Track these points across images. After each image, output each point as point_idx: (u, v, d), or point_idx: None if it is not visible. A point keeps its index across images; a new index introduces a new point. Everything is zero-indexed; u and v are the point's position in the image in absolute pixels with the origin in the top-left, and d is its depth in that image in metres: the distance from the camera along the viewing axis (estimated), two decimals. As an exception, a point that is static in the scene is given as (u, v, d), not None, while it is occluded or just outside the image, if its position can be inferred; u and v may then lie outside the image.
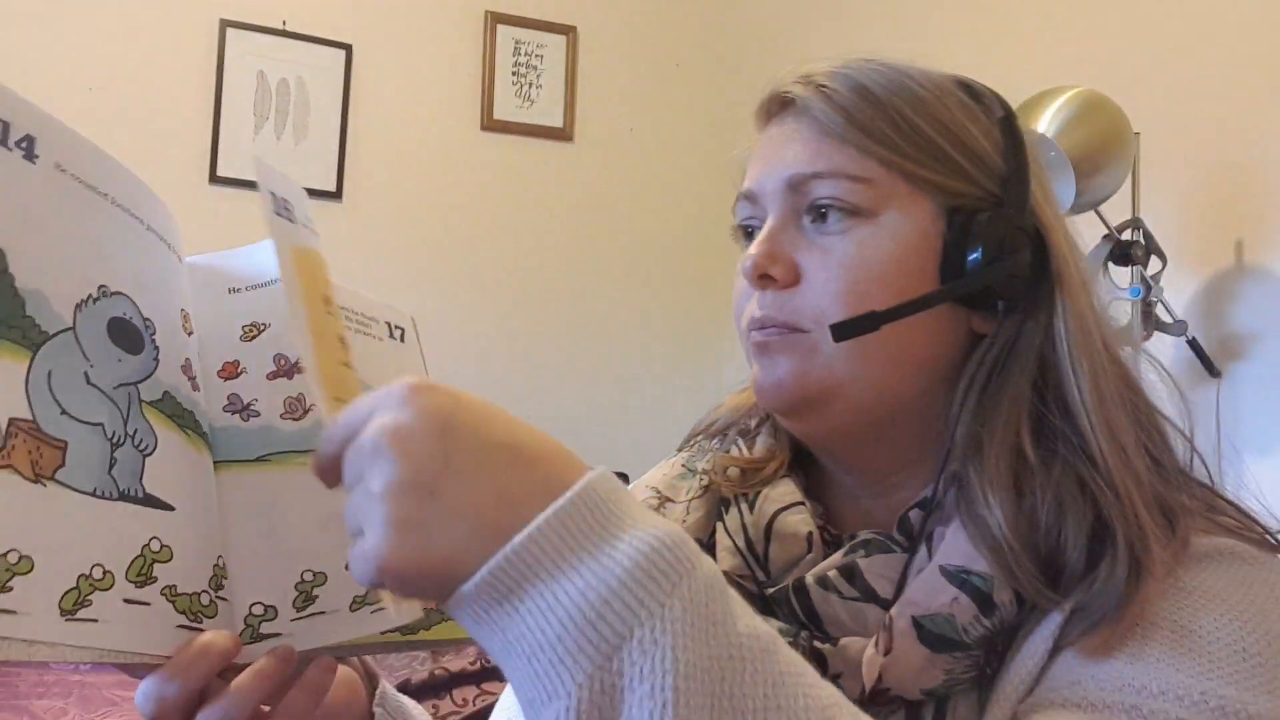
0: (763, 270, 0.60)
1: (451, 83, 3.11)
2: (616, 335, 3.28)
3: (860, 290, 0.58)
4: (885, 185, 0.59)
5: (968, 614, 0.54)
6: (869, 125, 0.59)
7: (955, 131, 0.60)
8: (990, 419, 0.57)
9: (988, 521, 0.54)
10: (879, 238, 0.58)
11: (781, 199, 0.61)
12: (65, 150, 0.48)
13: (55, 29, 2.68)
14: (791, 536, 0.61)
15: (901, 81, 0.60)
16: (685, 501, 0.68)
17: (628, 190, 3.31)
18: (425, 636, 0.60)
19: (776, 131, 0.63)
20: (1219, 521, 0.56)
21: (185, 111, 2.81)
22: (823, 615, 0.58)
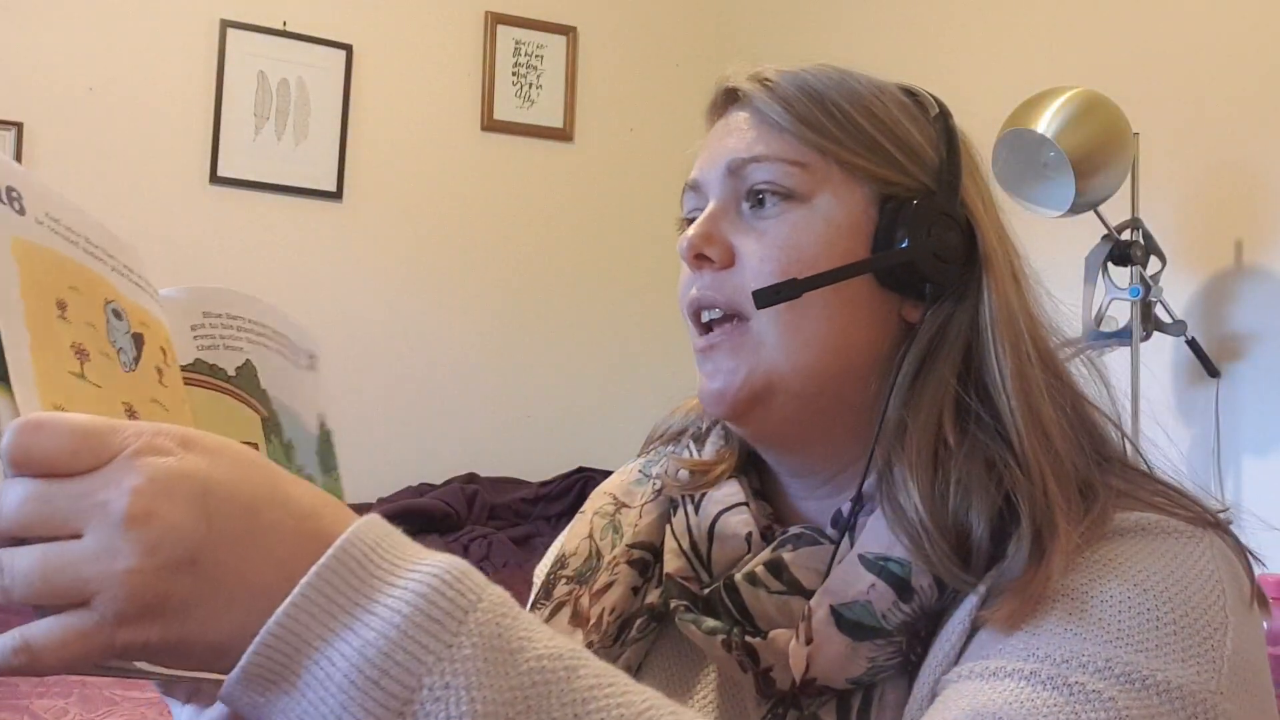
0: (698, 250, 0.62)
1: (451, 83, 3.11)
2: (616, 335, 3.28)
3: (790, 270, 0.59)
4: (820, 170, 0.60)
5: (885, 600, 0.54)
6: (807, 114, 0.61)
7: (890, 125, 0.62)
8: (914, 405, 0.58)
9: (904, 507, 0.55)
10: (812, 220, 0.60)
11: (721, 184, 0.63)
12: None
13: (55, 29, 2.68)
14: (732, 537, 0.62)
15: (842, 79, 0.63)
16: (638, 506, 0.69)
17: (628, 190, 3.31)
18: None
19: (721, 124, 0.66)
20: (1150, 501, 0.57)
21: (185, 111, 2.81)
22: (753, 611, 0.59)
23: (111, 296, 0.50)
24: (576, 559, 0.68)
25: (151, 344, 0.51)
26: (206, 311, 0.57)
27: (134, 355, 0.50)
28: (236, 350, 0.57)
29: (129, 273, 0.52)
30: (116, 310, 0.50)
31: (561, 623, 0.64)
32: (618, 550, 0.66)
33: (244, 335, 0.58)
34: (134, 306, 0.51)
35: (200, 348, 0.56)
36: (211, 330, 0.57)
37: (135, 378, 0.49)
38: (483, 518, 2.75)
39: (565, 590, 0.66)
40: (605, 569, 0.66)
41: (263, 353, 0.58)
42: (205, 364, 0.56)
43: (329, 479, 0.63)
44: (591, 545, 0.68)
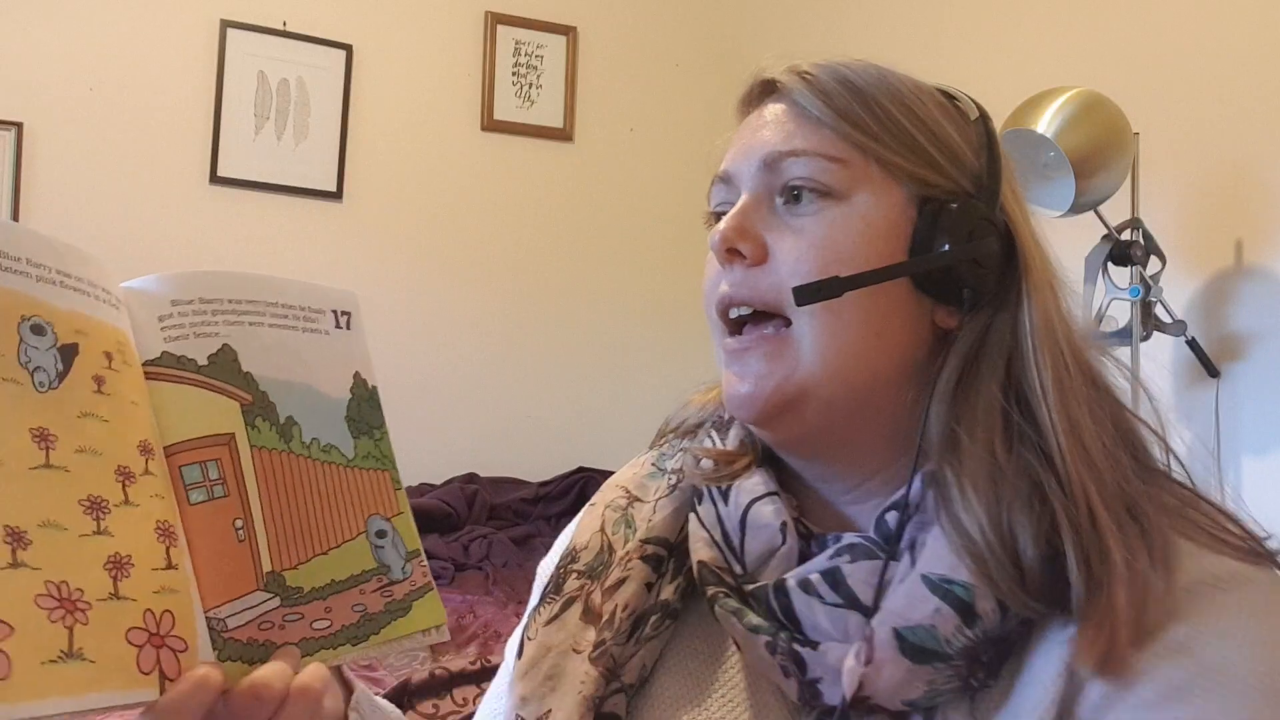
0: (730, 244, 0.60)
1: (451, 83, 3.11)
2: (616, 334, 3.28)
3: (830, 270, 0.57)
4: (859, 168, 0.59)
5: (950, 625, 0.53)
6: (847, 110, 0.59)
7: (930, 125, 0.60)
8: (965, 418, 0.57)
9: (967, 527, 0.54)
10: (850, 219, 0.59)
11: (756, 178, 0.61)
12: None
13: (55, 29, 2.68)
14: (764, 527, 0.61)
15: (882, 76, 0.61)
16: (653, 501, 0.67)
17: (628, 190, 3.31)
18: (376, 641, 0.59)
19: (755, 116, 0.64)
20: (1204, 526, 0.55)
21: (185, 111, 2.81)
22: (803, 619, 0.57)
23: (30, 311, 0.48)
24: (587, 553, 0.66)
25: (90, 352, 0.50)
26: (175, 300, 0.56)
27: (57, 371, 0.49)
28: (210, 337, 0.56)
29: (65, 278, 0.50)
30: (37, 325, 0.48)
31: (573, 618, 0.63)
32: (631, 545, 0.65)
33: (220, 318, 0.56)
34: (66, 315, 0.50)
35: (167, 339, 0.55)
36: (180, 320, 0.56)
37: (56, 396, 0.48)
38: (483, 518, 2.75)
39: (576, 585, 0.65)
40: (618, 564, 0.64)
41: (246, 333, 0.57)
42: (172, 356, 0.55)
43: (367, 441, 0.61)
44: (603, 539, 0.66)
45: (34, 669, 0.44)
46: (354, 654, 0.58)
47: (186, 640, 0.50)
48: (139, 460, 0.51)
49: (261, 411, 0.57)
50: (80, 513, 0.47)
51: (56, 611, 0.45)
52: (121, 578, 0.48)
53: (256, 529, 0.55)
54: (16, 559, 0.45)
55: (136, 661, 0.48)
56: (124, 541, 0.49)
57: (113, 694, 0.46)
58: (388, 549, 0.61)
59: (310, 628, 0.56)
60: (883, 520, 0.58)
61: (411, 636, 0.60)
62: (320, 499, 0.58)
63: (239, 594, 0.54)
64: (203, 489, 0.54)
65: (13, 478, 0.46)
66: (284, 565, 0.56)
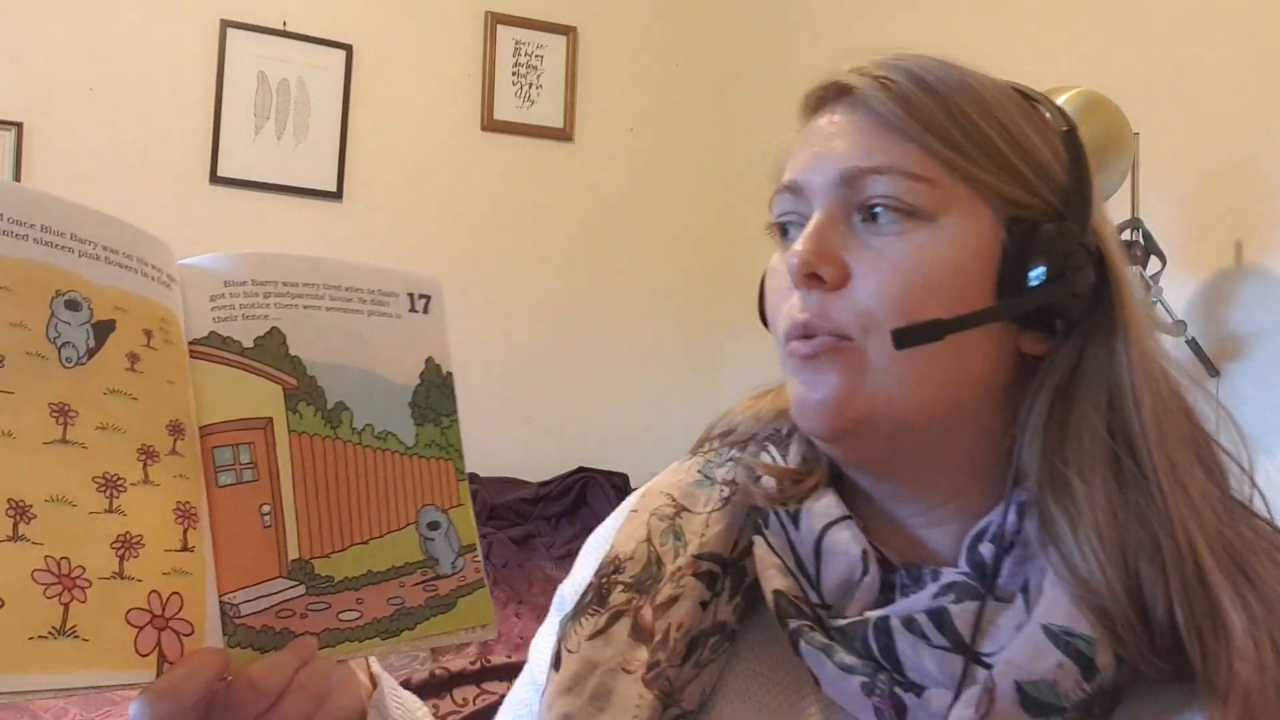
0: (810, 269, 0.55)
1: (451, 83, 3.11)
2: (616, 335, 3.28)
3: (914, 297, 0.54)
4: (946, 187, 0.55)
5: (1070, 679, 0.50)
6: (931, 121, 0.55)
7: (1017, 137, 0.56)
8: (1073, 456, 0.54)
9: (1086, 576, 0.51)
10: (937, 242, 0.54)
11: (832, 194, 0.57)
12: None
13: (55, 29, 2.68)
14: (842, 554, 0.57)
15: (964, 80, 0.57)
16: (705, 513, 0.63)
17: (628, 190, 3.31)
18: (410, 637, 0.58)
19: (827, 122, 0.59)
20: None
21: (185, 111, 2.81)
22: (904, 660, 0.53)
23: (67, 286, 0.48)
24: (634, 564, 0.62)
25: (127, 329, 0.50)
26: (228, 280, 0.55)
27: (88, 348, 0.49)
28: (259, 319, 0.55)
29: (111, 254, 0.50)
30: (72, 300, 0.48)
31: (621, 634, 0.59)
32: (683, 560, 0.61)
33: (271, 301, 0.56)
34: (106, 291, 0.50)
35: (216, 319, 0.54)
36: (231, 301, 0.55)
37: (82, 372, 0.48)
38: (482, 518, 2.76)
39: (623, 599, 0.61)
40: (669, 580, 0.60)
41: (298, 316, 0.56)
42: (219, 337, 0.54)
43: (432, 429, 0.60)
44: (650, 550, 0.62)
45: (19, 644, 0.44)
46: (383, 648, 0.57)
47: (193, 624, 0.50)
48: (166, 440, 0.51)
49: (307, 396, 0.56)
50: (93, 490, 0.47)
51: (53, 588, 0.45)
52: (129, 557, 0.48)
53: (286, 515, 0.54)
54: (17, 533, 0.45)
55: (134, 642, 0.47)
56: (136, 521, 0.48)
57: (103, 673, 0.46)
58: (439, 542, 0.59)
59: (336, 618, 0.55)
60: (975, 551, 0.55)
61: (454, 634, 0.59)
62: (366, 487, 0.57)
63: (258, 580, 0.53)
64: (231, 472, 0.53)
65: (24, 451, 0.46)
66: (314, 553, 0.55)
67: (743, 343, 3.32)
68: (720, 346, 3.40)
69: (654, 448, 3.27)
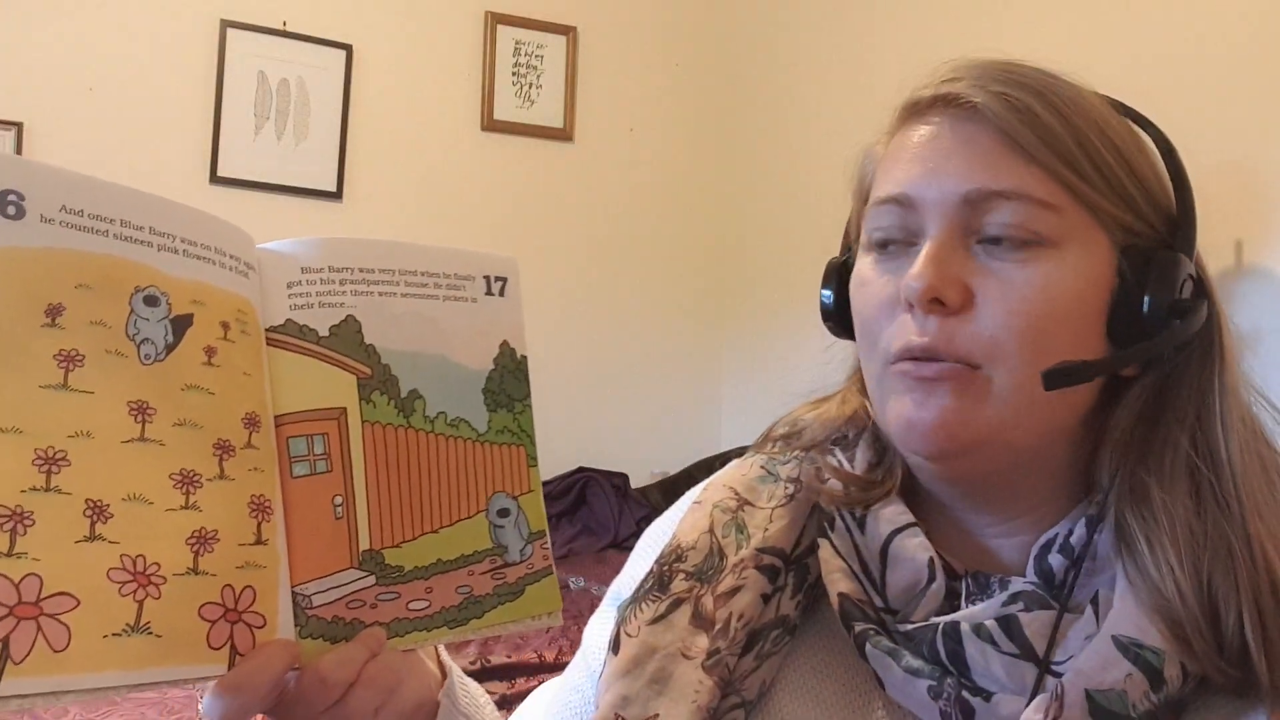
0: (935, 294, 0.54)
1: (451, 83, 3.11)
2: (616, 335, 3.28)
3: (1041, 329, 0.53)
4: (1070, 215, 0.54)
5: (1139, 690, 0.51)
6: (1058, 143, 0.54)
7: (1129, 160, 0.56)
8: (1155, 469, 0.54)
9: (1161, 586, 0.51)
10: (1062, 272, 0.53)
11: (952, 213, 0.55)
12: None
13: (55, 29, 2.68)
14: (909, 561, 0.58)
15: (1075, 94, 0.56)
16: (768, 508, 0.63)
17: (628, 190, 3.31)
18: (478, 625, 0.58)
19: (939, 133, 0.57)
20: None
21: (185, 111, 2.81)
22: (973, 665, 0.54)
23: (146, 281, 0.49)
24: (695, 553, 0.63)
25: (205, 322, 0.50)
26: (305, 267, 0.55)
27: (166, 344, 0.49)
28: (335, 307, 0.55)
29: (189, 246, 0.51)
30: (151, 296, 0.49)
31: (681, 620, 0.60)
32: (745, 553, 0.61)
33: (348, 288, 0.56)
34: (184, 284, 0.50)
35: (293, 307, 0.54)
36: (308, 288, 0.55)
37: (161, 368, 0.48)
38: (483, 518, 2.75)
39: (684, 586, 0.61)
40: (731, 571, 0.61)
41: (374, 303, 0.56)
42: (295, 325, 0.54)
43: (504, 414, 0.60)
44: (712, 541, 0.63)
45: (94, 642, 0.44)
46: (450, 637, 0.57)
47: (265, 616, 0.50)
48: (242, 433, 0.51)
49: (380, 385, 0.56)
50: (169, 487, 0.48)
51: (129, 585, 0.46)
52: (203, 553, 0.48)
53: (357, 506, 0.54)
54: (94, 532, 0.45)
55: (207, 637, 0.48)
56: (212, 516, 0.49)
57: (176, 668, 0.47)
58: (508, 529, 0.59)
59: (406, 608, 0.55)
60: (1044, 561, 0.56)
61: (521, 622, 0.59)
62: (438, 476, 0.57)
63: (329, 571, 0.53)
64: (306, 462, 0.53)
65: (103, 450, 0.46)
66: (385, 543, 0.55)
67: (743, 343, 3.32)
68: (720, 347, 3.40)
69: (654, 448, 3.27)
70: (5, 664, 0.42)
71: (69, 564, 0.44)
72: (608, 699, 0.59)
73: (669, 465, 3.21)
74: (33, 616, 0.43)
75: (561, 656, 1.99)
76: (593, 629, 0.72)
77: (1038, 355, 0.53)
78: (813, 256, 2.95)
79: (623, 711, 0.58)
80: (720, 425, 3.41)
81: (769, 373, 3.14)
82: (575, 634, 2.10)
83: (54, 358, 0.45)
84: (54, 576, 0.44)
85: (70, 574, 0.44)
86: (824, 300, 0.65)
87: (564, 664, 2.12)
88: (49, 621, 0.43)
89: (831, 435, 0.66)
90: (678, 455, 3.23)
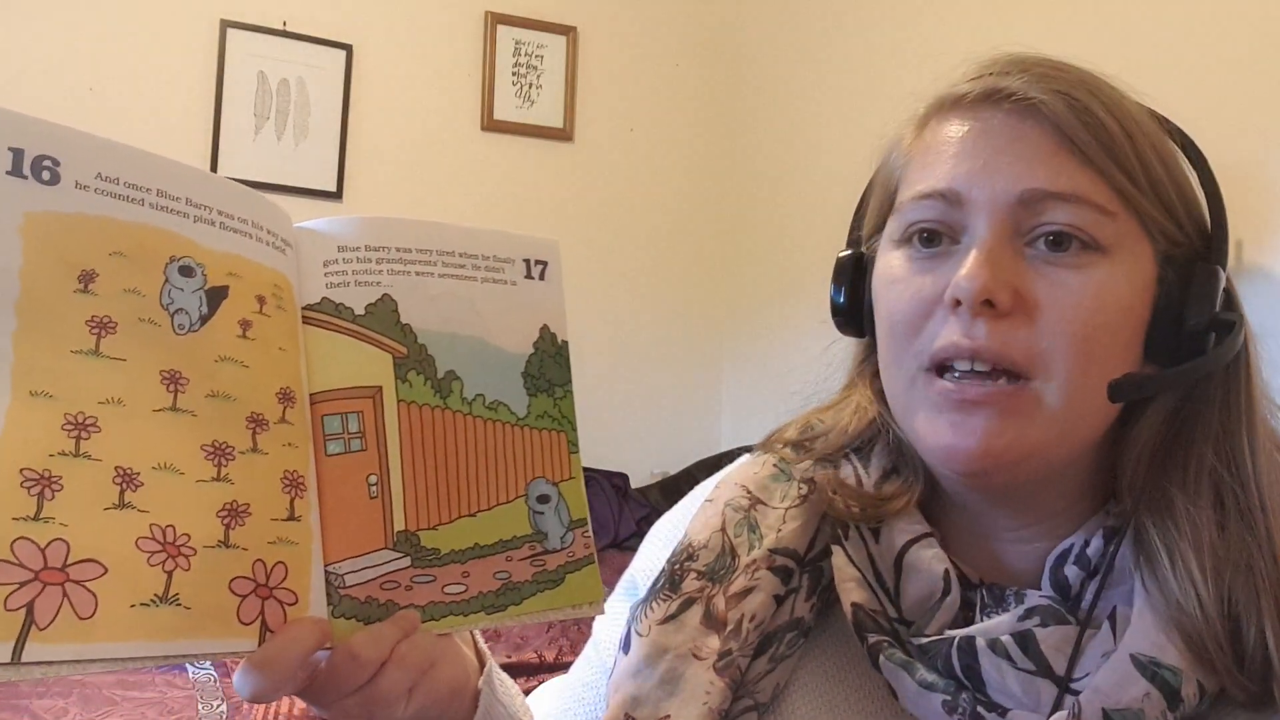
0: (991, 295, 0.51)
1: (451, 83, 3.11)
2: (615, 335, 3.28)
3: (1094, 337, 0.52)
4: (1124, 222, 0.52)
5: (1156, 709, 0.50)
6: (1116, 148, 0.52)
7: (1171, 167, 0.55)
8: (1176, 479, 0.53)
9: (1181, 599, 0.51)
10: (1115, 278, 0.52)
11: (1005, 212, 0.53)
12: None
13: (55, 29, 2.68)
14: (925, 572, 0.57)
15: (1121, 99, 0.55)
16: (781, 508, 0.62)
17: (627, 190, 3.31)
18: (516, 612, 0.56)
19: (989, 129, 0.54)
20: None
21: (185, 111, 2.81)
22: (989, 680, 0.53)
23: (181, 251, 0.48)
24: (707, 552, 0.62)
25: (240, 295, 0.50)
26: (342, 245, 0.55)
27: (200, 314, 0.48)
28: (371, 286, 0.54)
29: (226, 219, 0.50)
30: (186, 266, 0.48)
31: (693, 620, 0.59)
32: (758, 553, 0.60)
33: (384, 267, 0.55)
34: (220, 256, 0.49)
35: (329, 285, 0.54)
36: (344, 266, 0.55)
37: (195, 339, 0.48)
38: (483, 518, 2.75)
39: (696, 586, 0.61)
40: (743, 571, 0.60)
41: (410, 283, 0.55)
42: (331, 303, 0.54)
43: (544, 399, 0.59)
44: (724, 540, 0.62)
45: (122, 611, 0.43)
46: (488, 623, 0.56)
47: (298, 593, 0.49)
48: (276, 408, 0.50)
49: (417, 365, 0.55)
50: (201, 458, 0.47)
51: (157, 555, 0.45)
52: (235, 526, 0.47)
53: (393, 486, 0.53)
54: (124, 500, 0.44)
55: (237, 611, 0.47)
56: (244, 490, 0.48)
57: (205, 642, 0.46)
58: (548, 515, 0.58)
59: (441, 591, 0.54)
60: (1059, 573, 0.55)
61: (561, 610, 0.58)
62: (476, 459, 0.56)
63: (364, 550, 0.52)
64: (340, 440, 0.52)
65: (134, 418, 0.45)
66: (420, 525, 0.54)
67: (743, 343, 3.32)
68: (720, 347, 3.40)
69: (654, 448, 3.27)
70: (30, 630, 0.41)
71: (97, 531, 0.43)
72: (618, 699, 0.59)
73: (669, 465, 3.22)
74: (59, 582, 0.42)
75: (562, 656, 1.99)
76: (604, 624, 0.71)
77: (1089, 366, 0.52)
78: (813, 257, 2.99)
79: (633, 712, 0.58)
80: (720, 425, 3.41)
81: (769, 373, 3.14)
82: (575, 634, 2.10)
83: (86, 324, 0.45)
84: (81, 543, 0.43)
85: (98, 541, 0.43)
86: (834, 296, 0.63)
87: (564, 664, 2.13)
88: (75, 588, 0.42)
89: (847, 444, 0.64)
90: (678, 455, 3.23)
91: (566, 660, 1.95)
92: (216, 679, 1.72)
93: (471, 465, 0.56)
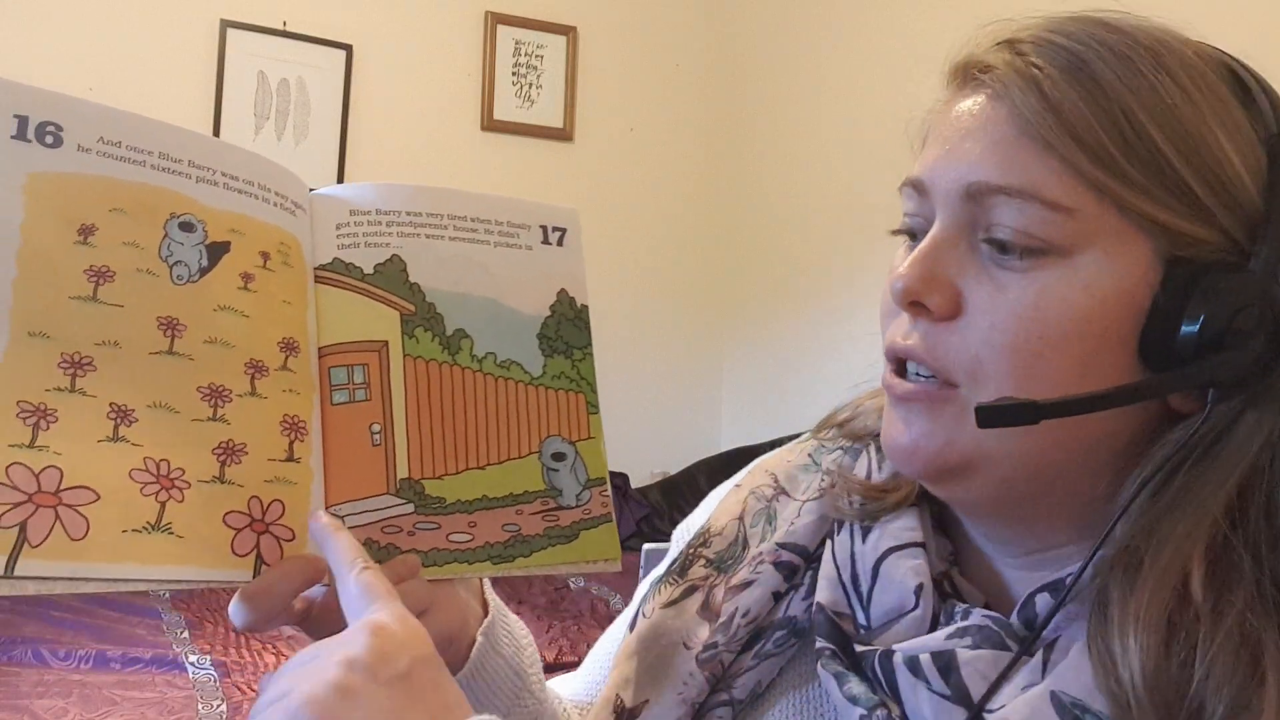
0: (914, 296, 0.48)
1: (451, 83, 3.11)
2: (615, 335, 3.28)
3: (1030, 350, 0.46)
4: (1090, 218, 0.45)
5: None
6: (1083, 130, 0.45)
7: (1200, 147, 0.45)
8: (1155, 531, 0.45)
9: (1117, 665, 0.43)
10: (1068, 287, 0.45)
11: (954, 206, 0.48)
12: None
13: (55, 29, 2.68)
14: (897, 584, 0.52)
15: (1138, 67, 0.46)
16: (800, 500, 0.60)
17: (628, 190, 3.31)
18: (525, 564, 0.58)
19: (965, 111, 0.49)
20: None
21: (185, 111, 2.81)
22: (905, 700, 0.49)
23: (182, 209, 0.50)
24: (720, 540, 0.60)
25: (243, 250, 0.52)
26: (354, 209, 0.57)
27: (200, 267, 0.50)
28: (380, 247, 0.57)
29: (230, 180, 0.52)
30: (186, 222, 0.50)
31: (691, 608, 0.58)
32: (765, 546, 0.58)
33: (394, 229, 0.57)
34: (221, 214, 0.51)
35: (340, 246, 0.56)
36: (355, 229, 0.57)
37: (193, 289, 0.50)
38: (483, 518, 2.75)
39: (701, 573, 0.59)
40: (748, 563, 0.58)
41: (420, 244, 0.57)
42: (342, 263, 0.56)
43: (561, 360, 0.61)
44: (740, 529, 0.60)
45: (113, 535, 0.45)
46: (494, 571, 0.57)
47: (295, 531, 0.51)
48: (277, 356, 0.52)
49: (424, 322, 0.57)
50: (197, 399, 0.49)
51: (150, 486, 0.47)
52: (230, 463, 0.49)
53: (396, 435, 0.55)
54: (118, 434, 0.46)
55: (231, 543, 0.49)
56: (240, 430, 0.50)
57: (197, 570, 0.48)
58: (563, 473, 0.60)
59: (446, 539, 0.56)
60: (1031, 602, 0.48)
61: (574, 565, 0.59)
62: (485, 414, 0.58)
63: (365, 495, 0.54)
64: (345, 390, 0.55)
65: (129, 360, 0.47)
66: (424, 474, 0.56)
67: (743, 343, 3.32)
68: (720, 346, 3.40)
69: (654, 448, 3.27)
70: (22, 547, 0.43)
71: (90, 460, 0.45)
72: (614, 676, 0.59)
73: (669, 465, 3.21)
74: (51, 505, 0.44)
75: (562, 656, 1.99)
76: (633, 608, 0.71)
77: (1028, 380, 0.46)
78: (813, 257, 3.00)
79: (622, 692, 0.58)
80: (720, 425, 3.41)
81: (769, 373, 3.14)
82: (575, 634, 2.10)
83: (84, 272, 0.47)
84: (74, 470, 0.45)
85: (91, 469, 0.45)
86: None
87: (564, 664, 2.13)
88: (67, 511, 0.44)
89: (875, 430, 0.60)
90: (678, 455, 3.23)
91: (567, 660, 1.95)
92: (217, 679, 1.73)
93: (480, 420, 0.58)
